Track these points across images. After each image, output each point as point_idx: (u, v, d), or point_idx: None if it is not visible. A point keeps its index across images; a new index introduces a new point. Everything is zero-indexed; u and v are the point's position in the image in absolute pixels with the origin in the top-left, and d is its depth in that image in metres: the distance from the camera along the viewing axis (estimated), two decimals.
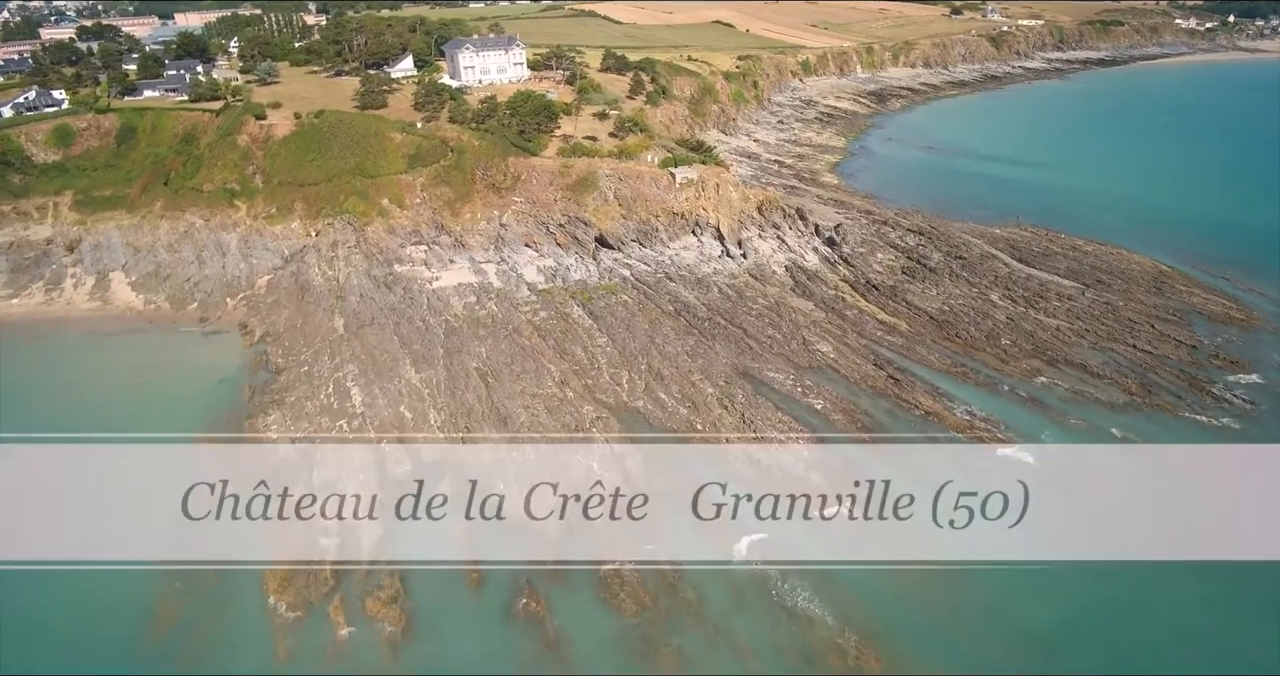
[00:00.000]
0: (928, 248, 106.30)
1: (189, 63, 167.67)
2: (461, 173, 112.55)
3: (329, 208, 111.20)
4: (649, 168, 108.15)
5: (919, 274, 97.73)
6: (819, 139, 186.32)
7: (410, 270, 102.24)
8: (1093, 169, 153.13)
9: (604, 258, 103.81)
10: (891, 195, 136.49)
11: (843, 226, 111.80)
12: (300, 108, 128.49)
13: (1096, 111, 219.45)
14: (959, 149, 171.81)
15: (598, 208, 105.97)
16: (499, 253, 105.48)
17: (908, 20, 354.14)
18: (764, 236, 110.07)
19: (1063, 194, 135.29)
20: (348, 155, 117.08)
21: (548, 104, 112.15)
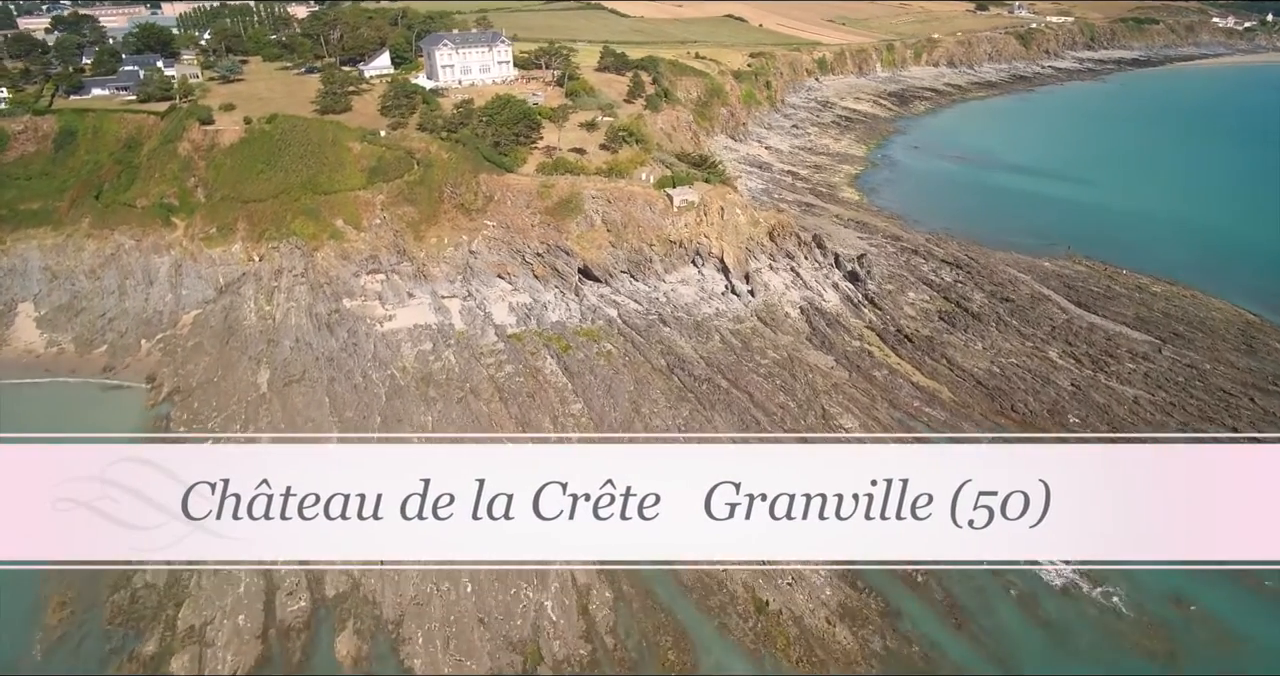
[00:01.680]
0: (968, 285, 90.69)
1: (148, 58, 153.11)
2: (428, 190, 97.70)
3: (274, 229, 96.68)
4: (643, 188, 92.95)
5: (960, 321, 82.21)
6: (837, 146, 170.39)
7: (361, 306, 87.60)
8: (1147, 186, 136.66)
9: (588, 293, 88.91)
10: (920, 215, 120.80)
11: (867, 257, 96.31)
12: (256, 110, 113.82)
13: (1140, 116, 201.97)
14: (992, 159, 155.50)
15: (582, 234, 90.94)
16: (466, 285, 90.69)
17: (930, 16, 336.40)
18: (776, 268, 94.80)
19: (1117, 217, 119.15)
20: (300, 167, 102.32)
21: (527, 111, 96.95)
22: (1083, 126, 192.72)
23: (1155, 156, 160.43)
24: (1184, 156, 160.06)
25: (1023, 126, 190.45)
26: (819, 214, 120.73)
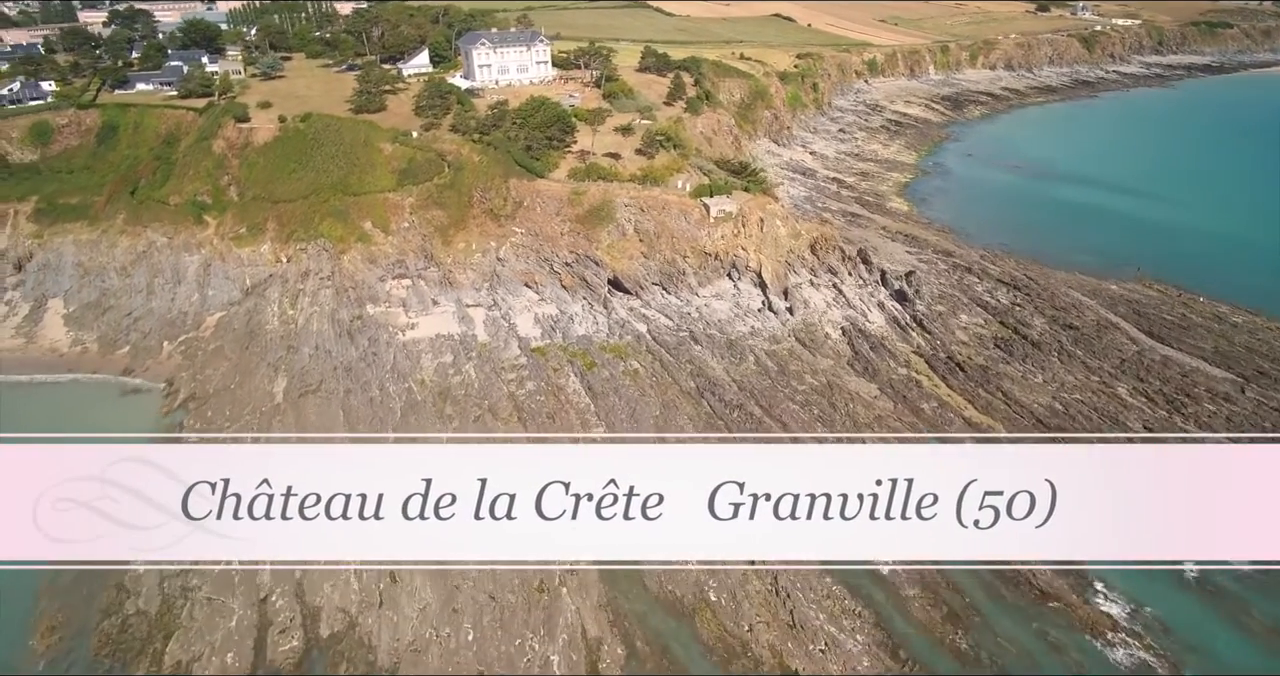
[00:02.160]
0: (1027, 309, 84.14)
1: (193, 53, 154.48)
2: (457, 194, 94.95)
3: (303, 230, 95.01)
4: (678, 197, 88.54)
5: (1018, 349, 75.95)
6: (886, 152, 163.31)
7: (384, 312, 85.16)
8: (1225, 203, 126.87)
9: (617, 306, 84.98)
10: (974, 229, 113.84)
11: (916, 275, 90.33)
12: (293, 108, 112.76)
13: (1215, 127, 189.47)
14: (1053, 170, 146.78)
15: (613, 244, 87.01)
16: (492, 293, 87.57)
17: (988, 17, 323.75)
18: (817, 284, 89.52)
19: (1191, 237, 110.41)
20: (332, 167, 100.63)
21: (561, 114, 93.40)
22: (1152, 136, 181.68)
23: (1233, 170, 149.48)
24: (1265, 171, 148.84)
25: (1086, 134, 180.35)
26: (865, 225, 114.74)
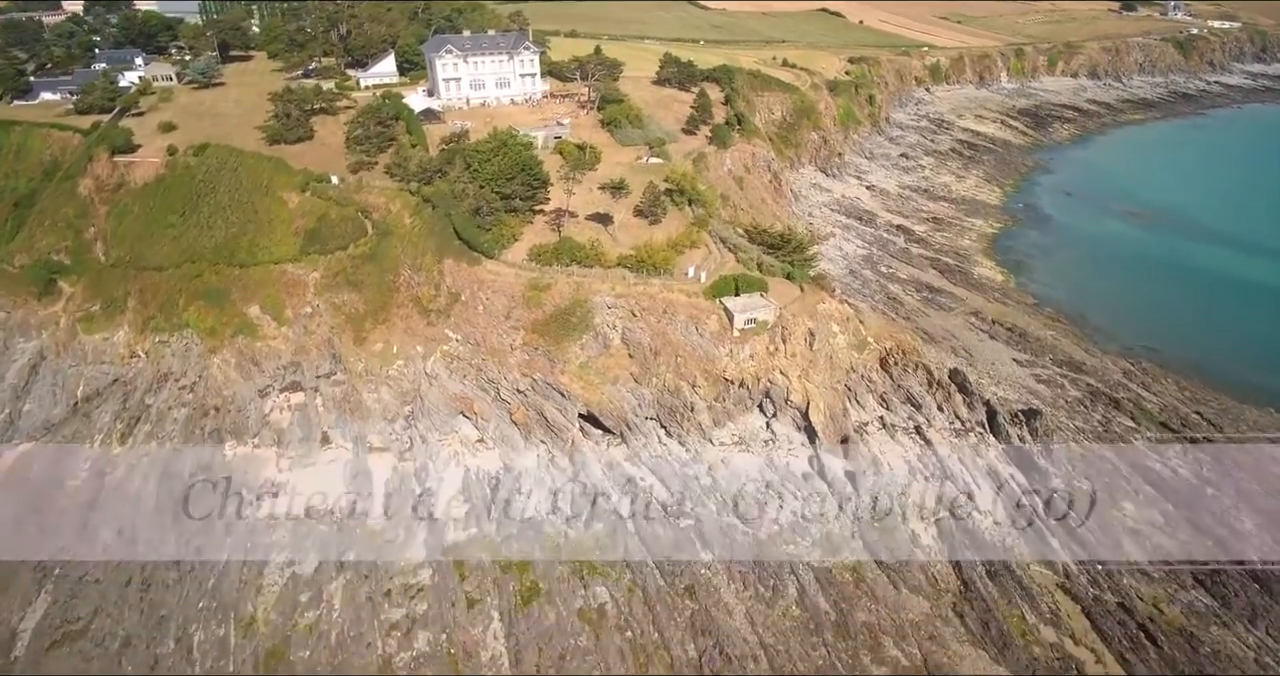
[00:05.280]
0: (1225, 493, 53.58)
1: (125, 53, 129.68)
2: (379, 270, 67.31)
3: (164, 317, 68.49)
4: (688, 295, 59.54)
5: (1236, 592, 45.72)
6: (960, 187, 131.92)
7: (248, 457, 58.01)
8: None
9: (589, 458, 56.63)
10: (1100, 316, 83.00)
11: (1043, 417, 60.24)
12: (203, 131, 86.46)
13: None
14: (1185, 220, 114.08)
15: (589, 363, 58.58)
16: (411, 428, 59.87)
17: (1066, 16, 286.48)
18: (891, 427, 60.11)
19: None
20: (219, 222, 73.79)
21: (528, 162, 64.86)
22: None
23: None
24: None
25: (1211, 167, 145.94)
26: (948, 307, 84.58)
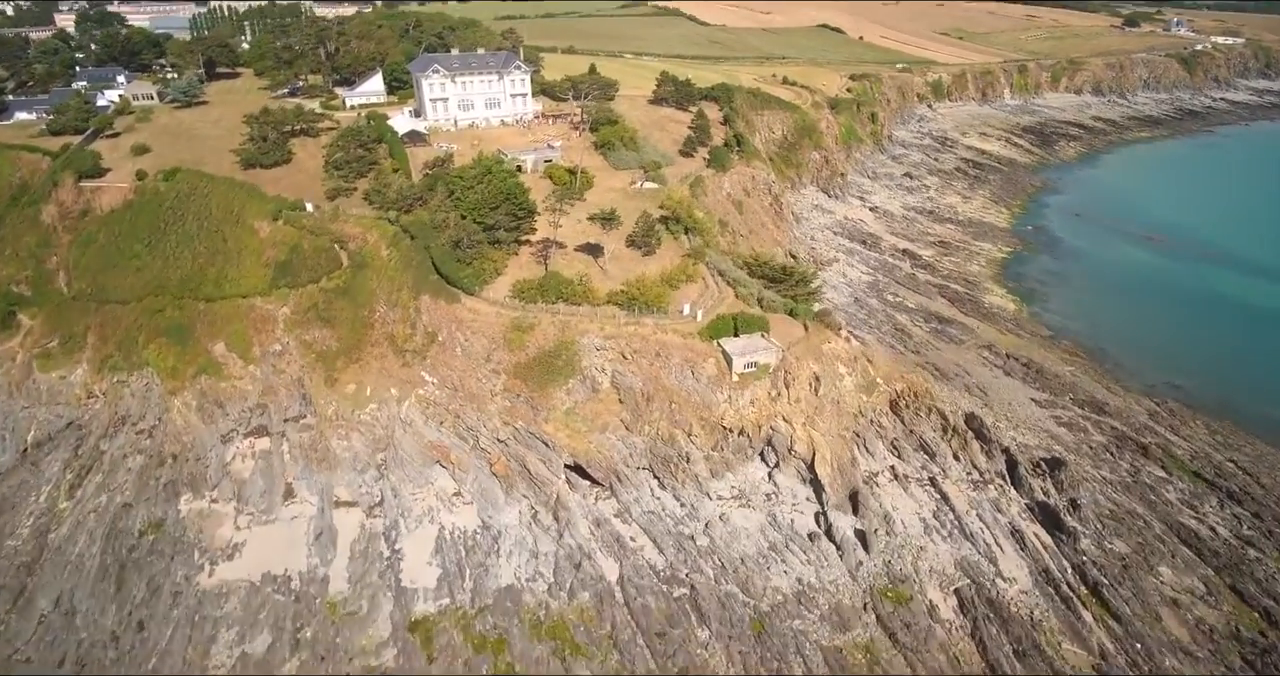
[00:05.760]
0: (1268, 555, 49.03)
1: (107, 71, 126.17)
2: (353, 306, 62.98)
3: (123, 355, 64.05)
4: (683, 336, 55.12)
5: None
6: (967, 208, 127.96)
7: (203, 514, 53.28)
8: None
9: (576, 514, 51.89)
10: (1121, 350, 78.52)
11: (1068, 468, 55.59)
12: (178, 155, 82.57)
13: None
14: (1198, 243, 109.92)
15: (575, 409, 54.04)
16: (383, 479, 55.19)
17: (1067, 31, 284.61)
18: (904, 478, 55.46)
19: None
20: (186, 253, 69.58)
21: (513, 190, 60.63)
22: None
23: None
24: None
25: (1224, 188, 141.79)
26: (959, 340, 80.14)
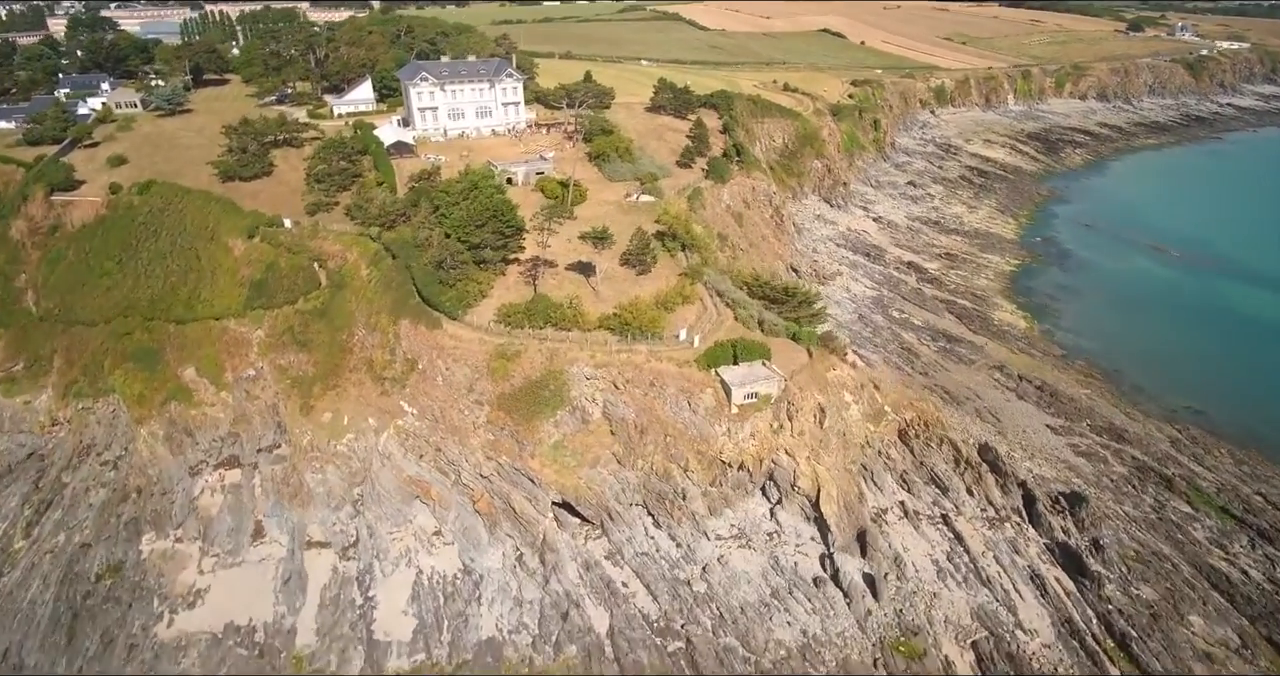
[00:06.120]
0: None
1: (92, 78, 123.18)
2: (331, 328, 59.67)
3: (88, 380, 60.73)
4: (677, 364, 51.71)
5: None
6: (973, 218, 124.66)
7: (168, 552, 49.87)
8: None
9: (564, 556, 48.43)
10: (1137, 371, 75.03)
11: (1088, 503, 52.15)
12: (157, 166, 79.54)
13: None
14: (1216, 257, 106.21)
15: (563, 443, 50.63)
16: (359, 517, 51.77)
17: (1070, 36, 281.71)
18: (915, 515, 52.00)
19: None
20: (158, 271, 66.32)
21: (500, 206, 57.31)
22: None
23: None
24: None
25: (1236, 198, 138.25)
26: (968, 360, 76.71)
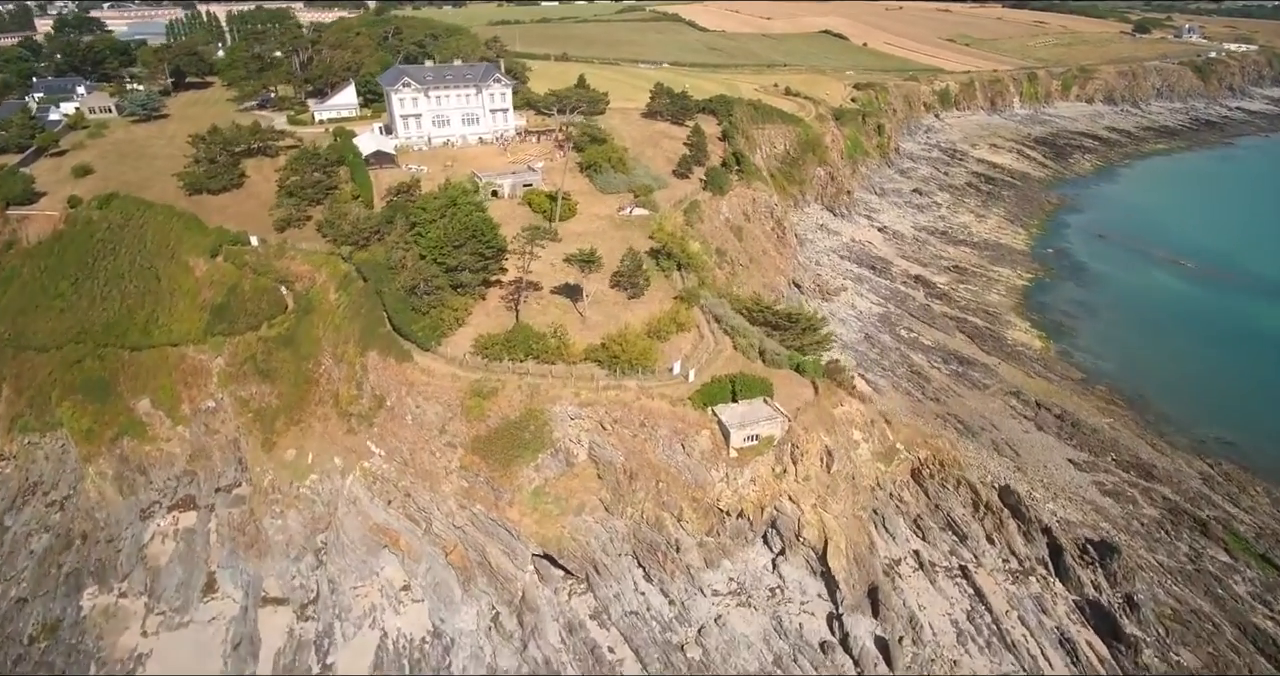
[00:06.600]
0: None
1: (67, 82, 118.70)
2: (296, 357, 55.16)
3: (34, 413, 56.19)
4: (671, 400, 47.14)
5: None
6: (982, 228, 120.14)
7: (111, 609, 45.35)
8: None
9: (543, 617, 43.95)
10: (1160, 396, 70.45)
11: (1121, 555, 47.61)
12: (124, 176, 75.16)
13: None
14: (1239, 270, 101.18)
15: (546, 487, 46.12)
16: (321, 569, 47.25)
17: (1076, 38, 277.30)
18: (930, 567, 47.51)
19: None
20: (115, 292, 61.79)
21: (479, 226, 52.73)
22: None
23: None
24: None
25: (1254, 206, 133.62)
26: (982, 384, 72.17)
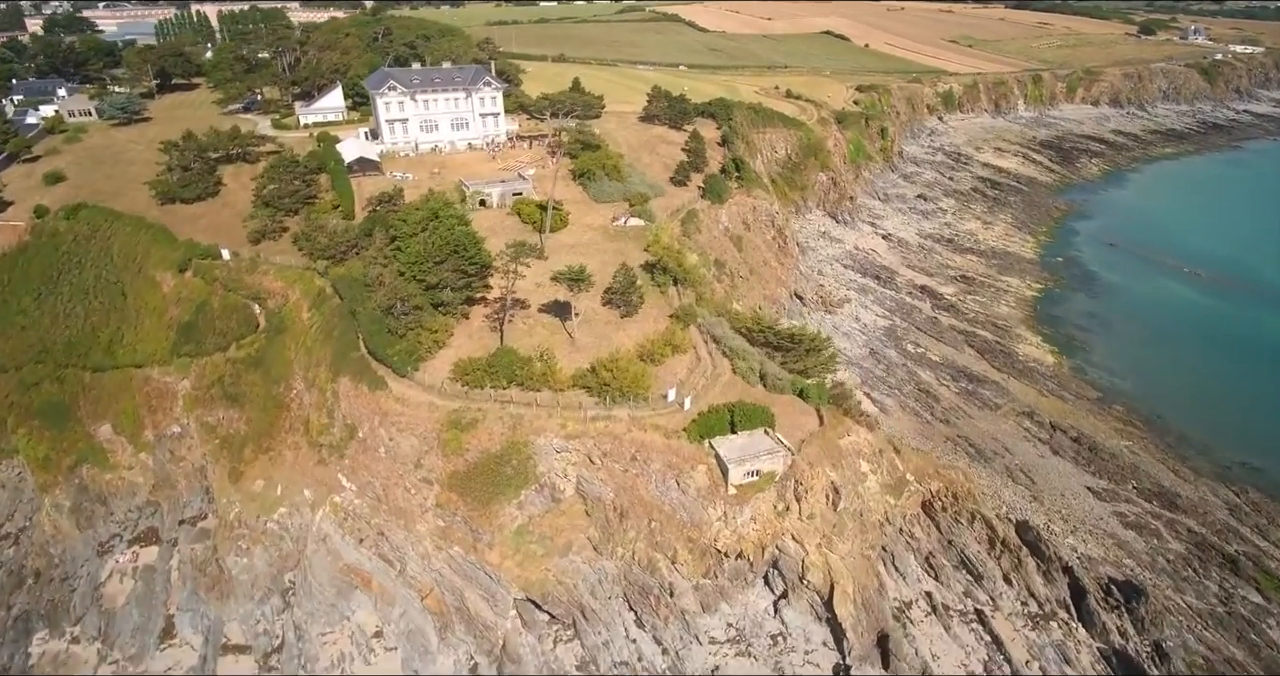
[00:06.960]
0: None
1: (47, 83, 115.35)
2: (266, 380, 51.76)
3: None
4: (665, 432, 43.70)
5: None
6: (989, 236, 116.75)
7: (61, 657, 41.94)
8: None
9: (525, 666, 40.53)
10: (1179, 416, 67.08)
11: (1148, 599, 44.25)
12: (95, 184, 71.88)
13: None
14: (1257, 281, 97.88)
15: (530, 525, 42.72)
16: (288, 610, 43.89)
17: (1080, 39, 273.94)
18: (944, 612, 44.11)
19: None
20: (79, 309, 58.39)
21: (461, 241, 49.34)
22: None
23: None
24: None
25: (1266, 213, 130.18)
26: (993, 404, 68.74)
